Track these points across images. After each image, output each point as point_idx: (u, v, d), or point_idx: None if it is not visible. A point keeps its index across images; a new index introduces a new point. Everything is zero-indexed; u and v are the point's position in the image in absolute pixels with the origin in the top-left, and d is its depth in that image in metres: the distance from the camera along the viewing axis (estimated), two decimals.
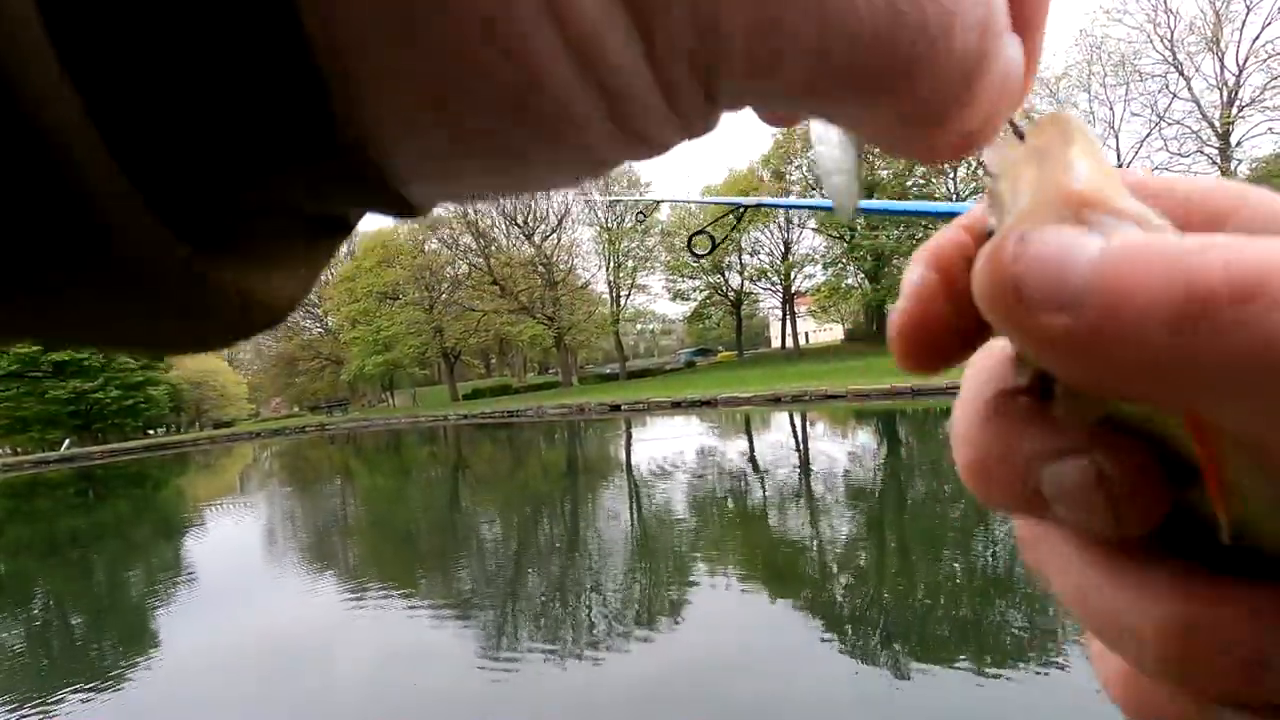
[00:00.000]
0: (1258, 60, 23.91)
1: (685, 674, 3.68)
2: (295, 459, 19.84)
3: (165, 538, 9.90)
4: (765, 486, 8.61)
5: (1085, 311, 0.11)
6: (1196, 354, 0.10)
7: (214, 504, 13.15)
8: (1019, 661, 3.41)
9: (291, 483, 14.91)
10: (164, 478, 19.86)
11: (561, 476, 11.68)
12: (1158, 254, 0.11)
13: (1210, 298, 0.10)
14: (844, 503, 7.40)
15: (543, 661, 3.99)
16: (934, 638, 3.85)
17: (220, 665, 4.55)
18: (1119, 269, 0.11)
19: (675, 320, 51.21)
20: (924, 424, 13.24)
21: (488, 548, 7.33)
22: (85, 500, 16.24)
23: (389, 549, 7.88)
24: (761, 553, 5.87)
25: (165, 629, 5.55)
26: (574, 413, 23.14)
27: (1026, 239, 0.12)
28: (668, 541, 6.51)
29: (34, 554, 9.76)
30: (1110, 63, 27.23)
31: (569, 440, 17.50)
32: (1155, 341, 0.10)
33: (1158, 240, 0.11)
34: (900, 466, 9.43)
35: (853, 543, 5.86)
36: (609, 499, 9.09)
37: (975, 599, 4.34)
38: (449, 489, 12.13)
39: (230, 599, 6.13)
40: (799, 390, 18.77)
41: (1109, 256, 0.11)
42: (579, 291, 36.17)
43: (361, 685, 3.97)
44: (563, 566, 6.07)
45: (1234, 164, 25.21)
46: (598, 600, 5.03)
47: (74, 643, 5.65)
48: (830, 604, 4.50)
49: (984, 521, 6.08)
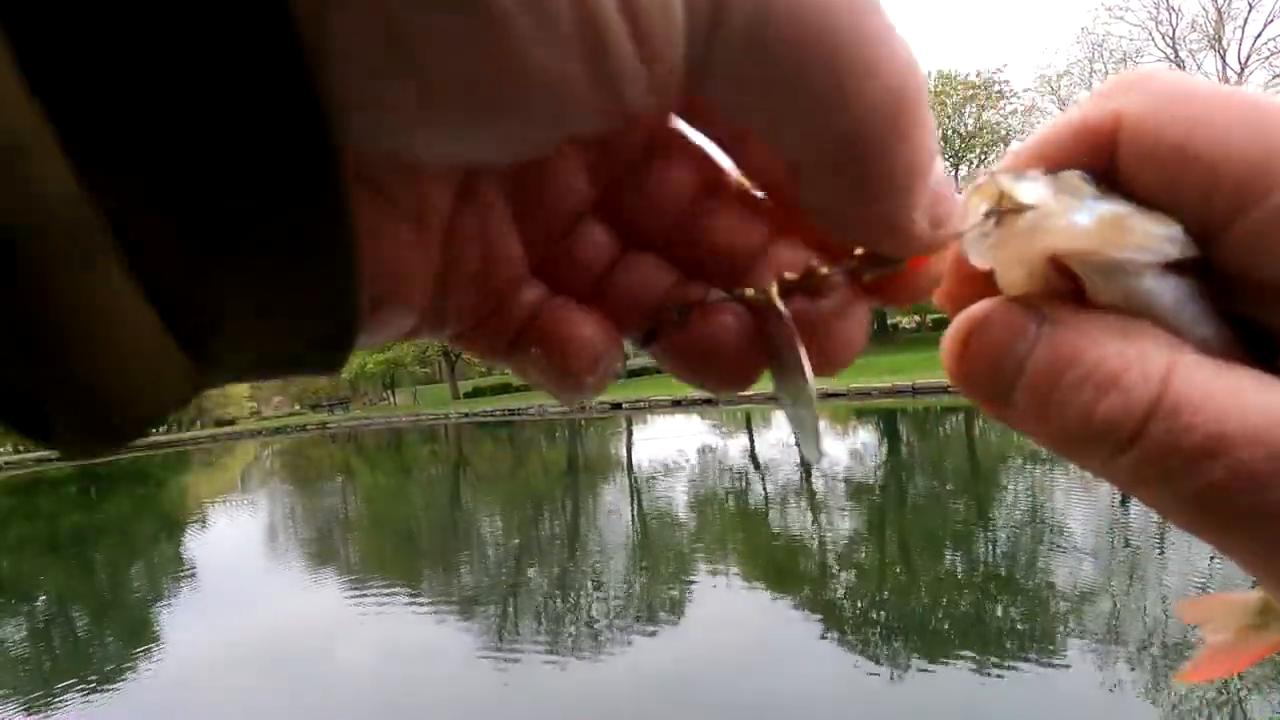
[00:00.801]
0: (1260, 58, 23.84)
1: (686, 670, 3.69)
2: (296, 457, 19.86)
3: (168, 535, 9.91)
4: (767, 485, 8.61)
5: (1014, 410, 0.15)
6: (1083, 464, 0.14)
7: (216, 502, 13.16)
8: (1018, 658, 3.42)
9: (293, 481, 14.92)
10: (166, 476, 19.88)
11: (563, 475, 11.68)
12: (1055, 378, 0.14)
13: (1073, 436, 0.14)
14: (845, 500, 7.40)
15: (543, 658, 3.99)
16: (935, 633, 3.85)
17: (222, 661, 4.56)
18: (1032, 385, 0.14)
19: None
20: (925, 422, 13.23)
21: (489, 546, 7.34)
22: (87, 498, 16.27)
23: (391, 547, 7.89)
24: (763, 550, 5.87)
25: (168, 625, 5.56)
26: (575, 411, 23.12)
27: (971, 337, 0.15)
28: (669, 539, 6.51)
29: (36, 552, 9.78)
30: (1112, 60, 27.14)
31: (570, 439, 17.50)
32: (1057, 446, 0.15)
33: (1064, 354, 0.14)
34: (901, 464, 9.43)
35: (854, 540, 5.86)
36: (610, 497, 9.10)
37: (976, 595, 4.34)
38: (450, 487, 12.14)
39: (232, 596, 6.14)
40: None
41: (1031, 364, 0.14)
42: None
43: (362, 681, 3.98)
44: (564, 564, 6.07)
45: None
46: (599, 597, 5.04)
47: (77, 640, 5.66)
48: (831, 600, 4.50)
49: (984, 519, 6.09)
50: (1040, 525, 5.59)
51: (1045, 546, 5.01)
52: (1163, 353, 0.13)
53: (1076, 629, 3.67)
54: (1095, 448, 0.13)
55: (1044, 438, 0.14)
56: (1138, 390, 0.13)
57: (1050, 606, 4.03)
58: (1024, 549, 5.19)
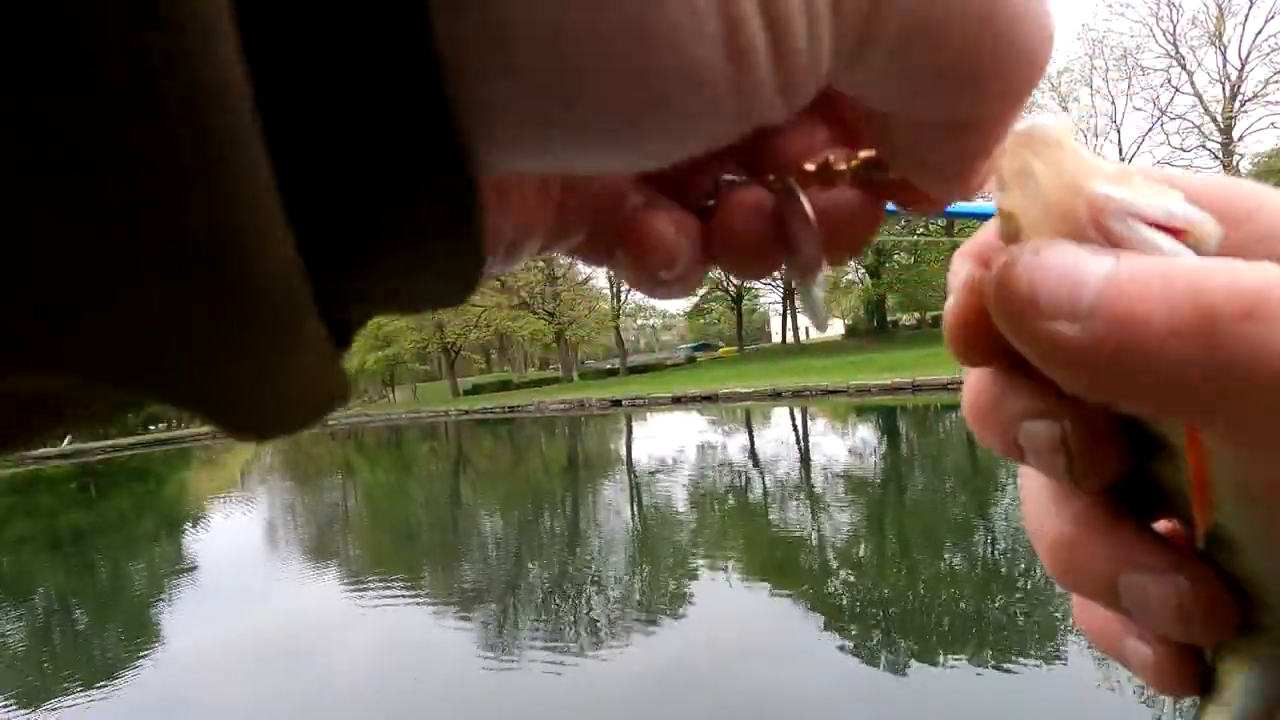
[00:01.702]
0: (1260, 54, 23.80)
1: (685, 667, 3.69)
2: (297, 454, 19.85)
3: (168, 533, 9.92)
4: (766, 481, 8.61)
5: (1095, 324, 0.12)
6: (1198, 365, 0.11)
7: (217, 499, 13.18)
8: (1018, 653, 3.42)
9: (294, 478, 14.93)
10: (166, 473, 19.90)
11: (563, 471, 11.68)
12: (1164, 273, 0.12)
13: (1213, 314, 0.11)
14: (845, 496, 7.41)
15: (544, 654, 3.99)
16: (935, 630, 3.86)
17: (223, 659, 4.56)
18: (1130, 286, 0.12)
19: (676, 315, 51.24)
20: (924, 418, 13.24)
21: (489, 542, 7.35)
22: (87, 496, 16.28)
23: (391, 543, 7.90)
24: (763, 547, 5.87)
25: (169, 623, 5.56)
26: (575, 408, 23.14)
27: (1041, 251, 0.13)
28: (669, 536, 6.52)
29: (36, 549, 9.79)
30: (1112, 57, 27.11)
31: (570, 435, 17.51)
32: (1161, 353, 0.12)
33: (1163, 262, 0.12)
34: (901, 460, 9.43)
35: (854, 536, 5.87)
36: (610, 493, 9.10)
37: (975, 592, 4.34)
38: (450, 484, 12.15)
39: (233, 594, 6.15)
40: (800, 385, 18.76)
41: (1121, 273, 0.12)
42: (580, 287, 36.09)
43: (362, 677, 3.99)
44: (564, 560, 6.08)
45: (1236, 159, 25.14)
46: (599, 594, 5.04)
47: (77, 637, 5.67)
48: (830, 597, 4.51)
49: (984, 515, 6.09)
50: None
51: None
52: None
53: (1076, 627, 3.68)
54: (1249, 320, 0.11)
55: (1144, 340, 0.12)
56: (1271, 267, 0.12)
57: (1050, 604, 4.04)
58: (1024, 545, 5.20)
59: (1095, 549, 0.16)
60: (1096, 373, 0.12)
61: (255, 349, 0.10)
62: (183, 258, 0.08)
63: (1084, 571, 0.16)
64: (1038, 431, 0.15)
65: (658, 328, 62.78)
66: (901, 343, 26.20)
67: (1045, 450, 0.15)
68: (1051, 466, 0.15)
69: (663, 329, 65.31)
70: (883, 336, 30.37)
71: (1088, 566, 0.16)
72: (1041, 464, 0.15)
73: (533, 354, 54.11)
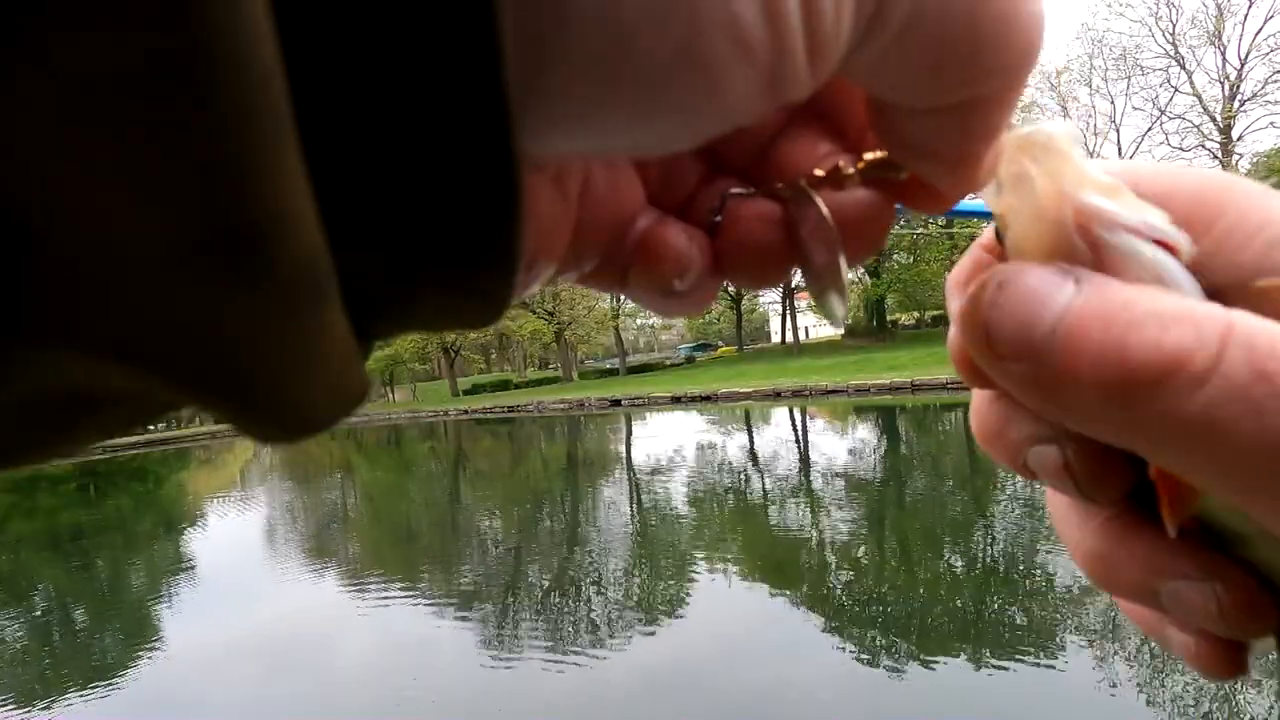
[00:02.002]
0: (1259, 54, 23.80)
1: (686, 666, 3.69)
2: (296, 454, 19.83)
3: (168, 532, 9.92)
4: (766, 481, 8.62)
5: (1042, 366, 0.13)
6: (1118, 421, 0.13)
7: (216, 498, 13.17)
8: (1017, 653, 3.42)
9: (293, 477, 14.92)
10: (165, 473, 19.89)
11: (562, 471, 11.69)
12: (1108, 321, 0.13)
13: (1131, 381, 0.12)
14: (845, 496, 7.41)
15: (542, 653, 4.00)
16: (934, 629, 3.86)
17: (223, 658, 4.56)
18: (1074, 332, 0.13)
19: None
20: (924, 418, 13.25)
21: (489, 542, 7.35)
22: (87, 495, 16.26)
23: (390, 543, 7.90)
24: (762, 546, 5.88)
25: (169, 622, 5.56)
26: (574, 408, 23.15)
27: (1005, 286, 0.14)
28: (668, 535, 6.52)
29: (36, 548, 9.78)
30: (1112, 56, 27.11)
31: (569, 435, 17.51)
32: (1090, 404, 0.13)
33: (1114, 302, 0.13)
34: (900, 460, 9.44)
35: (853, 536, 5.87)
36: (609, 493, 9.10)
37: (975, 591, 4.35)
38: (449, 484, 12.14)
39: (232, 593, 6.14)
40: (799, 385, 18.77)
41: (1070, 315, 0.13)
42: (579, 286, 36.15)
43: (361, 676, 3.99)
44: (563, 560, 6.08)
45: (1235, 158, 25.14)
46: (598, 593, 5.05)
47: (76, 636, 5.67)
48: (830, 596, 4.51)
49: (983, 515, 6.09)
50: (1039, 521, 5.59)
51: (1044, 543, 5.01)
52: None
53: (1075, 625, 3.68)
54: (1160, 387, 0.12)
55: (1076, 392, 0.13)
56: (1207, 323, 0.12)
57: (1049, 603, 4.04)
58: (1023, 545, 5.20)
59: (1126, 560, 0.17)
60: (1048, 407, 0.14)
61: (295, 335, 0.10)
62: (231, 242, 0.08)
63: (1119, 581, 0.17)
64: (1043, 455, 0.16)
65: (657, 327, 62.81)
66: (901, 343, 26.23)
67: (1053, 474, 0.16)
68: (1064, 486, 0.16)
69: (662, 329, 65.33)
70: (882, 336, 30.38)
71: (1122, 577, 0.17)
72: (1054, 484, 0.16)
73: (532, 354, 54.10)
